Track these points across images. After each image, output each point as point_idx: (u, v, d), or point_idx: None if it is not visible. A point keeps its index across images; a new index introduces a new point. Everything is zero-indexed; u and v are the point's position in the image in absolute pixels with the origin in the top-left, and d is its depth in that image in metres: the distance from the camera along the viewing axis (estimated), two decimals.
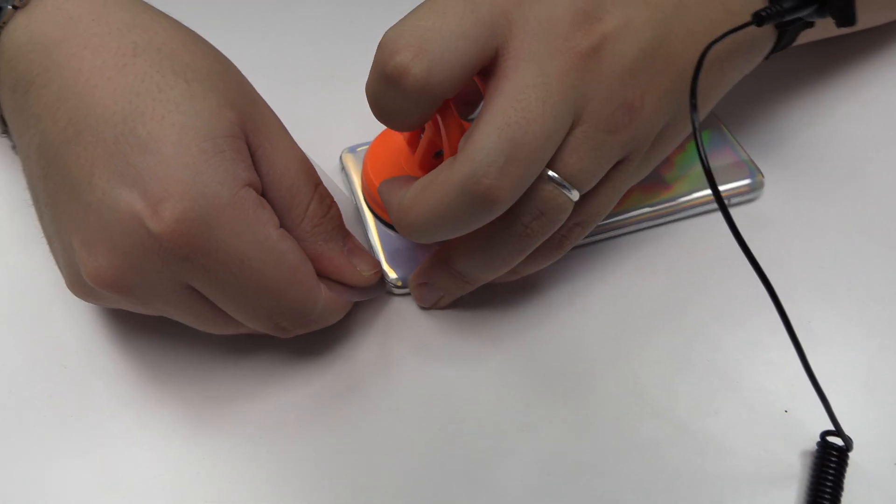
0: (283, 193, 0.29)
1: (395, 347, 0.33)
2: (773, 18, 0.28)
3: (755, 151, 0.38)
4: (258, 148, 0.28)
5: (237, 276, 0.27)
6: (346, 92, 0.36)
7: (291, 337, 0.30)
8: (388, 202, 0.30)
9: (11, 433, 0.31)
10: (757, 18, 0.28)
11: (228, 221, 0.26)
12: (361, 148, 0.37)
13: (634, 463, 0.30)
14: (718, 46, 0.27)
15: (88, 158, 0.26)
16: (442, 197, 0.26)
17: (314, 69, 0.42)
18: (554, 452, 0.30)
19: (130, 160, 0.25)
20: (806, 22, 0.31)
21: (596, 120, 0.27)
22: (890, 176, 0.38)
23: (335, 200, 0.31)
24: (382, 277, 0.33)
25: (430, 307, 0.33)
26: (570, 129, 0.27)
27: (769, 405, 0.31)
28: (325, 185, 0.31)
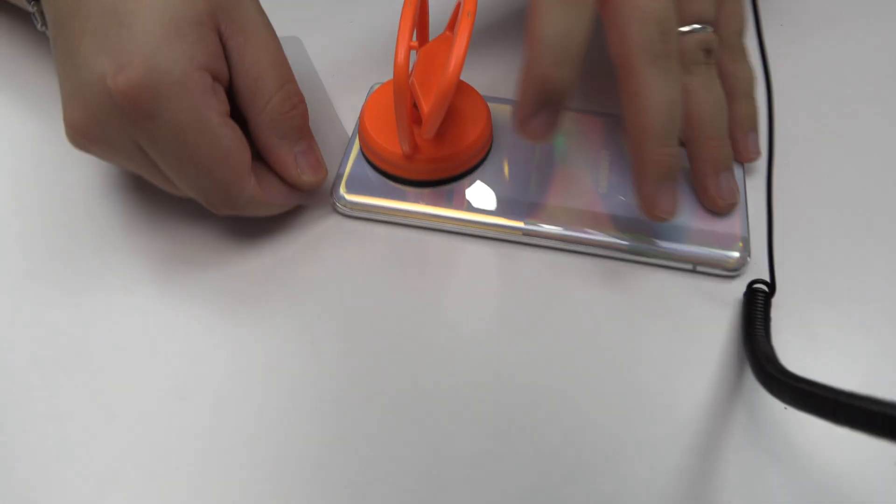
0: (248, 83, 0.32)
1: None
2: None
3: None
4: (230, 39, 0.32)
5: (173, 146, 0.31)
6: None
7: (223, 215, 0.34)
8: (521, 85, 0.30)
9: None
10: None
11: (173, 96, 0.30)
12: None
13: (634, 463, 0.30)
14: None
15: (82, 29, 0.30)
16: (542, 8, 0.29)
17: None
18: (554, 452, 0.30)
19: (109, 33, 0.30)
20: None
21: None
22: (890, 175, 0.38)
23: (304, 102, 0.33)
24: (332, 193, 0.36)
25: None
26: None
27: (769, 404, 0.31)
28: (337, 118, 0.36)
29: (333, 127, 0.39)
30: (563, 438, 0.30)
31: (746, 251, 0.34)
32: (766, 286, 0.33)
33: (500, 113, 0.39)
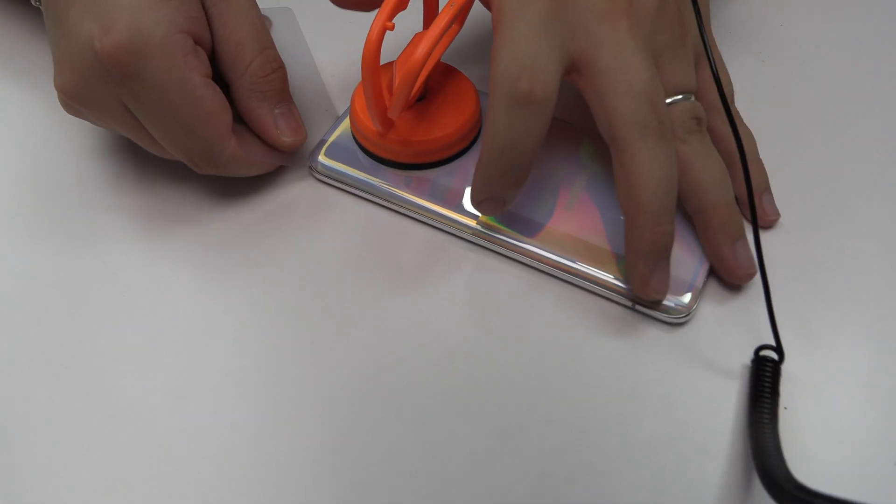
0: (229, 48, 0.33)
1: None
2: None
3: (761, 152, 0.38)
4: (212, 6, 0.33)
5: (157, 105, 0.32)
6: None
7: (205, 174, 0.36)
8: (477, 179, 0.33)
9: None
10: None
11: (156, 57, 0.31)
12: None
13: (634, 463, 0.30)
14: None
15: (71, 0, 0.32)
16: (494, 114, 0.30)
17: None
18: (554, 453, 0.30)
19: (98, 1, 0.31)
20: None
21: (667, 44, 0.33)
22: (890, 174, 0.38)
23: (283, 67, 0.35)
24: (311, 162, 0.37)
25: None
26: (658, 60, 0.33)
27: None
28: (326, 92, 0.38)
29: (319, 96, 0.40)
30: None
31: (693, 301, 0.33)
32: (774, 352, 0.31)
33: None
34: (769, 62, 0.43)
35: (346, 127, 0.38)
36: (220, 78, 0.34)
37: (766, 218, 0.36)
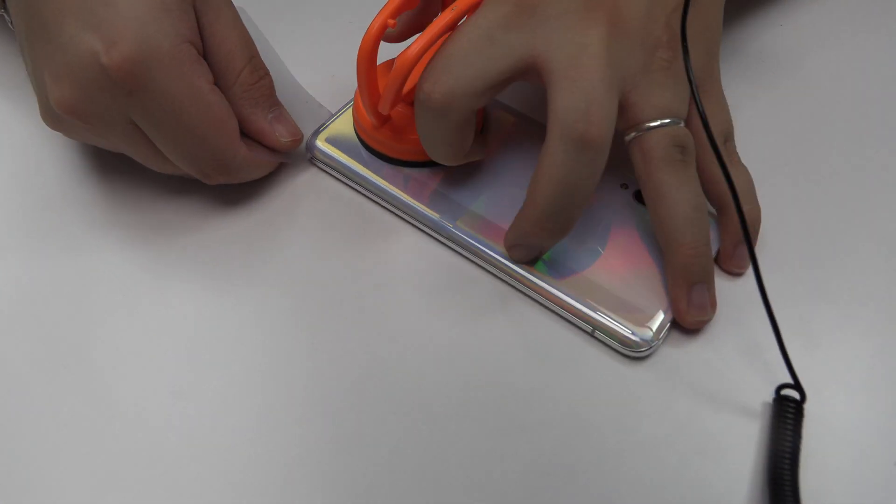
0: (220, 58, 0.33)
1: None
2: None
3: (758, 153, 0.38)
4: (203, 16, 0.33)
5: (168, 115, 0.32)
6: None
7: (215, 184, 0.35)
8: (518, 227, 0.32)
9: None
10: None
11: (166, 67, 0.31)
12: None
13: (634, 463, 0.30)
14: None
15: (61, 10, 0.31)
16: (552, 166, 0.30)
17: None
18: (554, 452, 0.30)
19: (95, 11, 0.31)
20: None
21: (649, 64, 0.32)
22: (890, 174, 0.38)
23: (269, 73, 0.35)
24: (309, 148, 0.37)
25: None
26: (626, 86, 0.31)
27: (768, 399, 0.31)
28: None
29: (293, 88, 0.39)
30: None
31: (658, 335, 0.32)
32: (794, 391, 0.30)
33: (502, 119, 0.38)
34: (767, 62, 0.43)
35: (348, 114, 0.38)
36: None
37: (734, 266, 0.34)
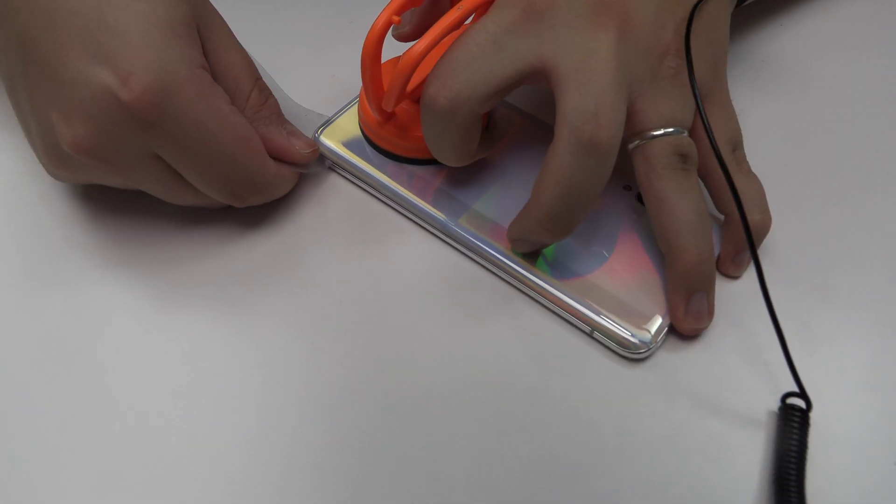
0: (227, 83, 0.33)
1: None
2: None
3: (764, 157, 0.38)
4: (206, 41, 0.32)
5: (196, 141, 0.31)
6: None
7: (245, 206, 0.35)
8: (521, 223, 0.32)
9: None
10: None
11: (187, 93, 0.30)
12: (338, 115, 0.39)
13: (634, 463, 0.30)
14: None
15: (64, 44, 0.30)
16: (558, 168, 0.30)
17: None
18: (554, 452, 0.30)
19: (102, 42, 0.29)
20: None
21: (656, 71, 0.32)
22: (890, 174, 0.38)
23: (271, 92, 0.35)
24: (321, 156, 0.37)
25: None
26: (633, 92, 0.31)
27: (770, 404, 0.31)
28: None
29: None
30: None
31: (657, 338, 0.32)
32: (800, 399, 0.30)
33: (508, 118, 0.38)
34: (774, 68, 0.43)
35: (354, 110, 0.38)
36: None
37: (730, 270, 0.34)
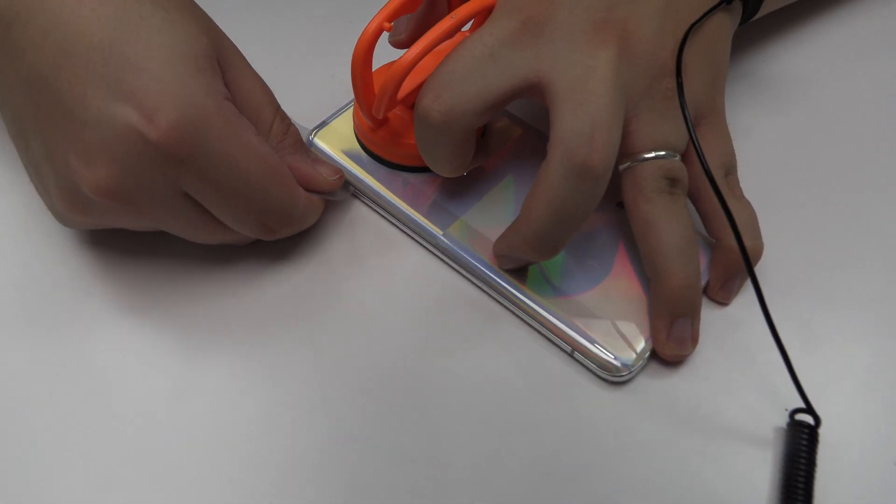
0: (249, 114, 0.32)
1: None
2: None
3: (757, 155, 0.38)
4: (226, 72, 0.31)
5: (227, 175, 0.30)
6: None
7: (275, 239, 0.34)
8: (508, 239, 0.32)
9: None
10: None
11: (216, 127, 0.29)
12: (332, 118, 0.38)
13: (634, 463, 0.30)
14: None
15: (80, 81, 0.28)
16: (550, 188, 0.29)
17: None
18: (554, 452, 0.30)
19: (122, 79, 0.28)
20: None
21: (652, 92, 0.31)
22: (891, 174, 0.38)
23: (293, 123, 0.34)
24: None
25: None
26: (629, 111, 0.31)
27: (770, 404, 0.31)
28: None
29: None
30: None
31: (639, 361, 0.31)
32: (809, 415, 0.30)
33: (507, 129, 0.38)
34: (777, 88, 0.43)
35: (349, 113, 0.38)
36: None
37: (719, 296, 0.34)
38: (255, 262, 0.35)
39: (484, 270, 0.34)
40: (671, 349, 0.32)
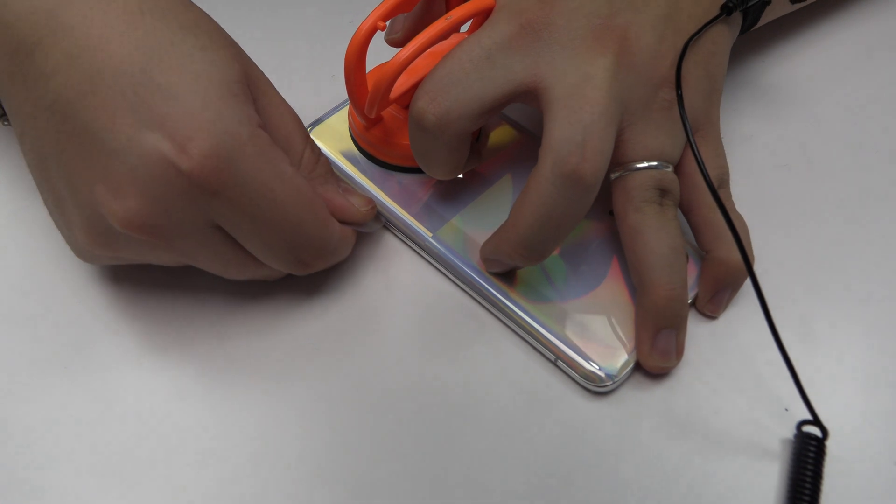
0: (280, 142, 0.31)
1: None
2: (739, 6, 0.33)
3: (757, 159, 0.38)
4: (257, 100, 0.30)
5: (261, 207, 0.28)
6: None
7: (307, 273, 0.32)
8: (495, 243, 0.32)
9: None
10: (726, 10, 0.33)
11: (250, 156, 0.28)
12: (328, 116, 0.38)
13: (634, 463, 0.30)
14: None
15: (108, 109, 0.27)
16: (538, 195, 0.29)
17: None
18: (532, 463, 0.30)
19: (153, 106, 0.27)
20: (764, 1, 0.35)
21: (649, 102, 0.31)
22: (890, 177, 0.38)
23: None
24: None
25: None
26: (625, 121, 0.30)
27: (770, 404, 0.31)
28: None
29: None
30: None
31: (623, 372, 0.31)
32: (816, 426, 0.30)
33: (505, 133, 0.38)
34: (769, 59, 0.43)
35: (346, 111, 0.38)
36: None
37: (707, 309, 0.33)
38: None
39: (471, 275, 0.33)
40: (655, 361, 0.31)
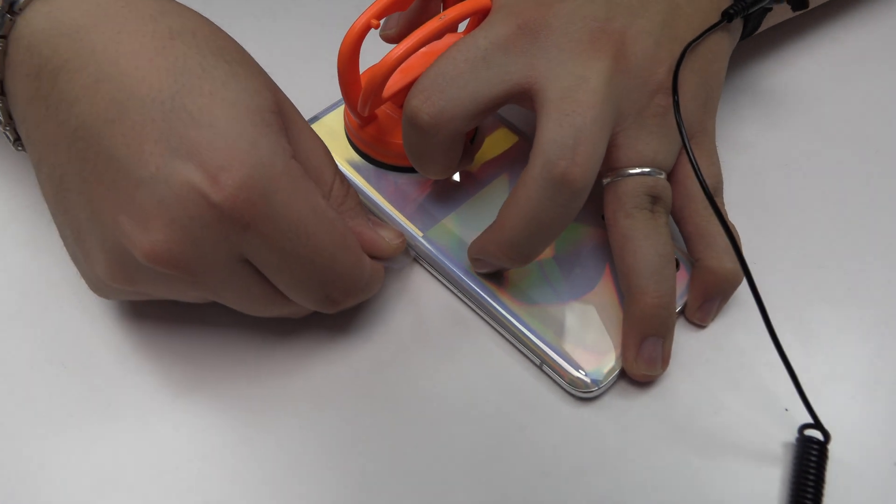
0: (310, 175, 0.29)
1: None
2: (740, 13, 0.33)
3: (758, 164, 0.38)
4: (287, 129, 0.29)
5: (294, 242, 0.27)
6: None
7: (335, 311, 0.31)
8: (482, 244, 0.31)
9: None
10: (727, 16, 0.33)
11: (284, 188, 0.27)
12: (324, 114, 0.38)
13: (635, 463, 0.30)
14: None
15: (136, 136, 0.26)
16: (527, 197, 0.29)
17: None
18: (554, 452, 0.30)
19: (184, 135, 0.26)
20: (765, 8, 0.35)
21: (644, 109, 0.31)
22: (890, 174, 0.38)
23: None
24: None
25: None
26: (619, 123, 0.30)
27: (770, 404, 0.31)
28: None
29: None
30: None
31: (608, 378, 0.31)
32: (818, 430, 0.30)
33: (501, 136, 0.38)
34: (769, 64, 0.43)
35: (342, 110, 0.38)
36: None
37: (696, 318, 0.33)
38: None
39: (459, 275, 0.33)
40: (640, 368, 0.31)
